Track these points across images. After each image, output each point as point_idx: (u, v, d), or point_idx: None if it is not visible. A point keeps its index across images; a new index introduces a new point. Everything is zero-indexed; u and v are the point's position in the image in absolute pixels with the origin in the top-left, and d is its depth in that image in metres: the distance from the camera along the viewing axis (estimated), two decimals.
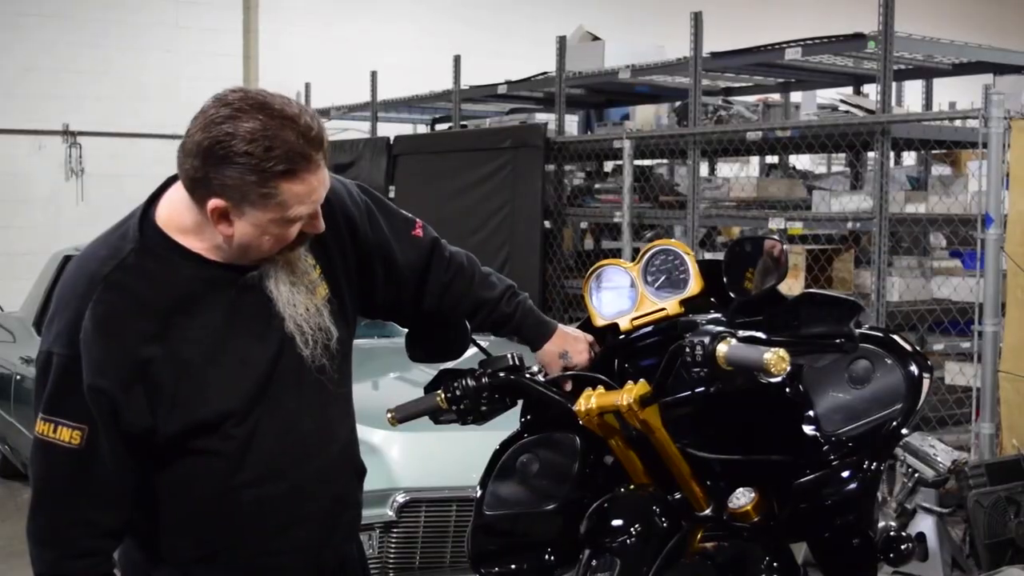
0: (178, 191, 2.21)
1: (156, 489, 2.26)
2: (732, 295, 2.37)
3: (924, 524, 4.96)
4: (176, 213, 2.20)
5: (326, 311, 2.31)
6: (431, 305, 2.58)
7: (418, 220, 2.58)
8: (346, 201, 2.43)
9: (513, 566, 2.48)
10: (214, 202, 2.09)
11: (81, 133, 11.36)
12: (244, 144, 2.03)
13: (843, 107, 7.89)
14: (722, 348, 2.05)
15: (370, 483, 2.60)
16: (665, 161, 9.56)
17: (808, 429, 2.25)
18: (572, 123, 9.62)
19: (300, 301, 2.25)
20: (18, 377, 6.55)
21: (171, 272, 2.18)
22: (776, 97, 9.63)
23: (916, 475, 4.76)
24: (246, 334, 2.23)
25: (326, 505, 2.39)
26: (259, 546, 2.32)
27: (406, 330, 2.69)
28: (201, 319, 2.19)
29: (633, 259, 2.58)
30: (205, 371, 2.18)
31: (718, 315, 2.31)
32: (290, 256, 2.24)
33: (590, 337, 2.57)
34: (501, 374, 2.46)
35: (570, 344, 2.55)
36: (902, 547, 2.30)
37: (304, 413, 2.31)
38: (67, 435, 2.13)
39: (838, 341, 2.19)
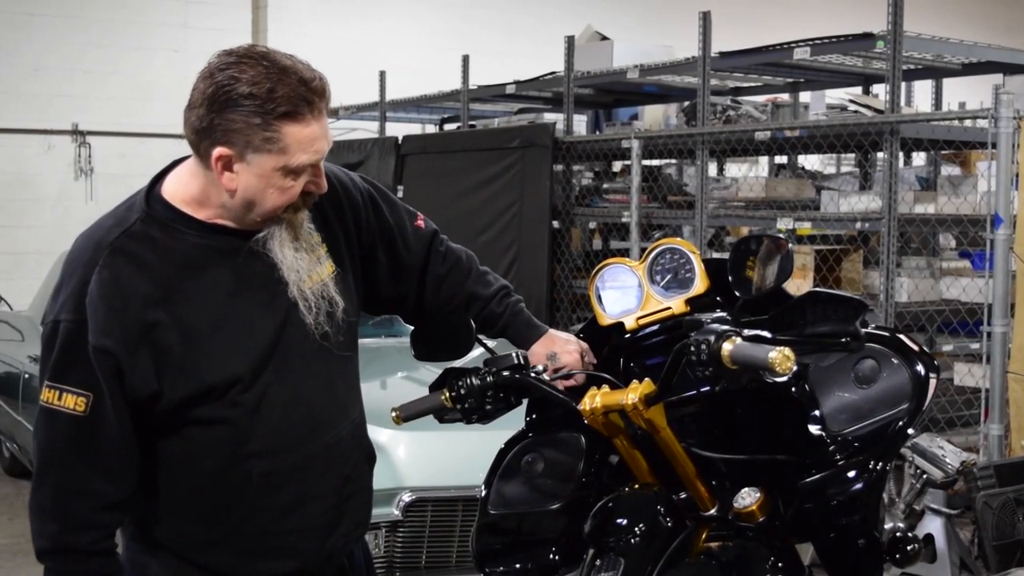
0: (184, 167, 2.27)
1: (162, 467, 2.26)
2: (737, 294, 2.36)
3: (932, 525, 4.95)
4: (182, 184, 2.25)
5: (332, 282, 2.33)
6: (430, 298, 2.60)
7: (419, 213, 2.61)
8: (351, 189, 2.47)
9: (518, 565, 2.48)
10: (219, 150, 2.13)
11: (90, 133, 11.38)
12: (247, 87, 2.09)
13: (852, 107, 7.88)
14: (727, 347, 2.05)
15: (376, 482, 2.60)
16: (674, 161, 9.55)
17: (814, 429, 2.24)
18: (580, 123, 9.60)
19: (304, 267, 2.27)
20: (26, 376, 6.57)
21: (176, 240, 2.22)
22: (785, 97, 9.62)
23: (924, 476, 4.75)
24: (252, 301, 2.25)
25: (336, 484, 2.39)
26: (267, 525, 2.31)
27: (411, 328, 2.70)
28: (206, 285, 2.22)
29: (640, 258, 2.57)
30: (211, 337, 2.20)
31: (723, 314, 2.29)
32: (294, 219, 2.25)
33: (584, 345, 2.57)
34: (506, 373, 2.46)
35: (559, 346, 2.54)
36: (908, 548, 2.30)
37: (312, 386, 2.32)
38: (72, 402, 2.14)
39: (844, 340, 2.18)
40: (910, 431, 2.20)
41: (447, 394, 2.47)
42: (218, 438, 2.24)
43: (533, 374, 2.48)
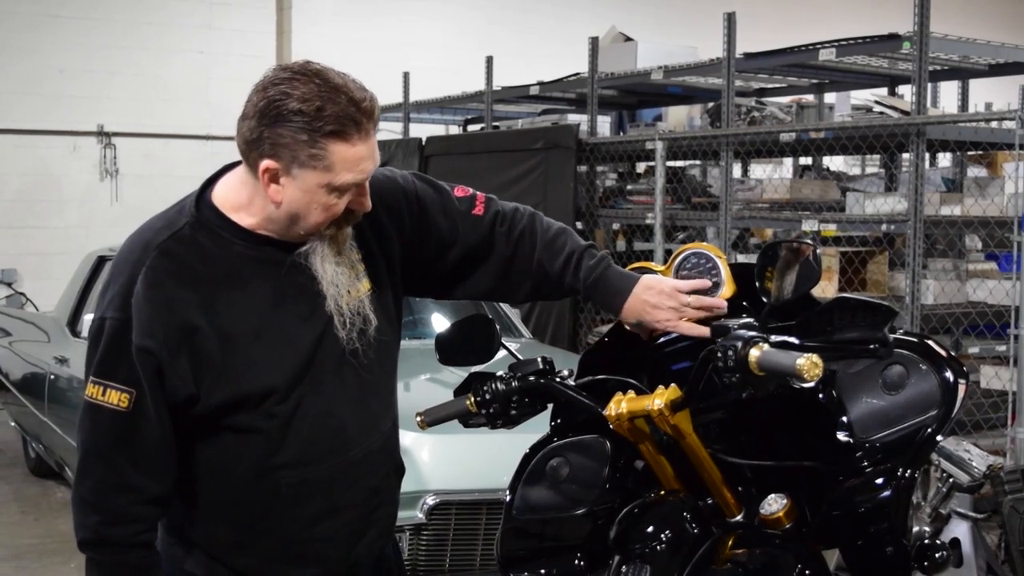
0: (234, 173, 2.29)
1: (196, 470, 2.30)
2: (764, 299, 2.35)
3: (958, 529, 4.91)
4: (232, 191, 2.28)
5: (367, 300, 2.34)
6: (505, 281, 2.51)
7: (479, 195, 2.53)
8: (392, 194, 2.43)
9: (542, 570, 2.48)
10: (266, 163, 2.15)
11: (115, 134, 11.43)
12: (297, 103, 2.11)
13: (877, 108, 7.83)
14: (754, 353, 2.04)
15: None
16: (698, 162, 9.53)
17: (841, 435, 2.23)
18: (604, 124, 9.60)
19: (343, 283, 2.29)
20: (52, 377, 6.59)
21: (222, 247, 2.25)
22: (810, 98, 9.59)
23: (951, 480, 4.71)
24: (291, 313, 2.27)
25: (363, 496, 2.40)
26: (295, 533, 2.34)
27: (436, 332, 2.69)
28: (248, 295, 2.24)
29: (665, 261, 2.56)
30: (250, 346, 2.23)
31: (750, 319, 2.28)
32: (337, 235, 2.27)
33: (686, 284, 2.39)
34: (531, 378, 2.46)
35: (646, 313, 2.37)
36: (937, 555, 2.28)
37: (345, 400, 2.33)
38: (116, 398, 2.18)
39: (872, 347, 2.17)
40: (939, 438, 2.19)
41: (472, 399, 2.47)
42: (250, 447, 2.27)
43: (558, 379, 2.48)
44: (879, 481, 2.18)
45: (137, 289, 2.18)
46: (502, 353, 2.63)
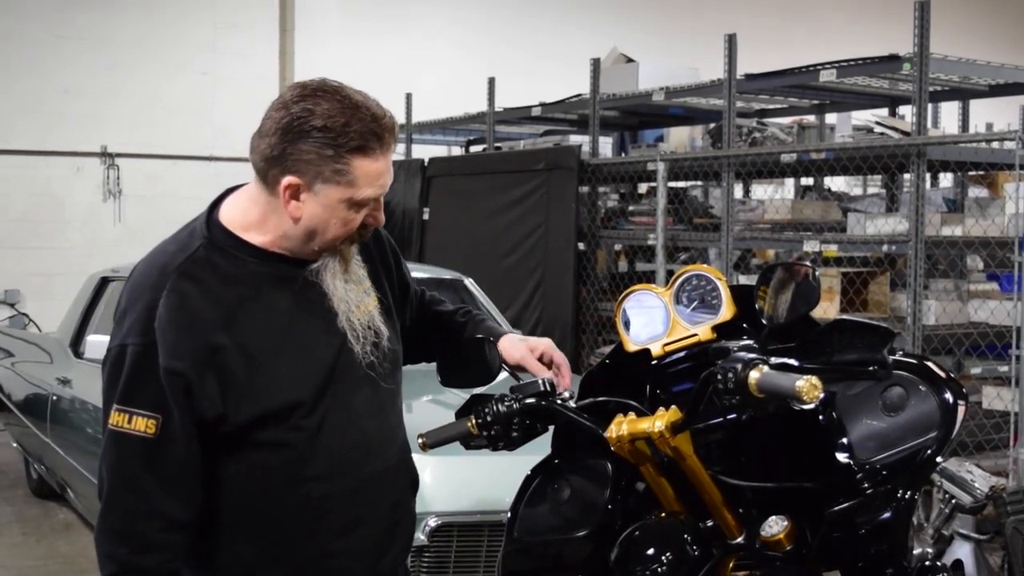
0: (243, 193, 2.33)
1: (220, 490, 2.29)
2: (764, 321, 2.36)
3: (961, 551, 4.90)
4: (241, 211, 2.31)
5: (377, 313, 2.40)
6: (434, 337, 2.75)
7: None
8: (390, 237, 2.61)
9: None
10: (288, 179, 2.19)
11: (119, 155, 11.45)
12: (321, 120, 2.15)
13: (878, 129, 7.86)
14: (754, 375, 2.05)
15: None
16: (699, 183, 9.55)
17: (841, 457, 2.23)
18: (606, 145, 9.63)
19: (352, 299, 2.34)
20: (54, 398, 6.59)
21: (237, 266, 2.27)
22: (811, 119, 9.61)
23: (953, 501, 4.70)
24: (310, 327, 2.30)
25: (386, 508, 2.43)
26: (321, 547, 2.34)
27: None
28: (267, 311, 2.27)
29: (667, 282, 2.57)
30: (272, 362, 2.25)
31: (750, 341, 2.29)
32: (347, 251, 2.33)
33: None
34: (532, 400, 2.46)
35: (525, 339, 2.64)
36: None
37: (365, 412, 2.37)
38: (142, 425, 2.17)
39: (871, 368, 2.17)
40: (939, 459, 2.19)
41: (473, 421, 2.47)
42: (280, 461, 2.28)
43: (559, 401, 2.48)
44: (879, 502, 2.18)
45: (160, 312, 2.19)
46: (504, 375, 2.64)
